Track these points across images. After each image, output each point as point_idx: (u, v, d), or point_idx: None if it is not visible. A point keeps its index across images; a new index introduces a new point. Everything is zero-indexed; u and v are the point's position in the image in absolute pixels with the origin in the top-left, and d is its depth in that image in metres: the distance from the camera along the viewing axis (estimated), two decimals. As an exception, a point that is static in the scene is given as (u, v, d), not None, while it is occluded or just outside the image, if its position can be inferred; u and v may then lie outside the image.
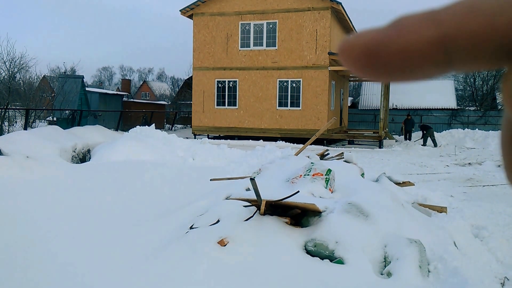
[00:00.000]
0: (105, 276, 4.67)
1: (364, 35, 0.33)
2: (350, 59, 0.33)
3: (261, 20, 24.82)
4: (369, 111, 36.26)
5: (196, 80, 26.21)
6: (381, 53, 0.31)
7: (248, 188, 6.34)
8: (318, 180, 6.28)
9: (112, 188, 8.65)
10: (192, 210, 6.20)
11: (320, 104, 23.88)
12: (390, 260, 4.72)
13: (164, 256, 4.84)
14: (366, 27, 0.34)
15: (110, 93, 33.85)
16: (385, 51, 0.31)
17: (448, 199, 9.07)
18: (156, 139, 14.54)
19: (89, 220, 6.56)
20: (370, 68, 0.32)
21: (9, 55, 25.04)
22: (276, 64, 24.61)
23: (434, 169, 14.87)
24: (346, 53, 0.33)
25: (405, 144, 24.48)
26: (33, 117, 24.03)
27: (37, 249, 5.47)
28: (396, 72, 0.32)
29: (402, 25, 0.31)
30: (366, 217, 5.29)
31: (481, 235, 6.63)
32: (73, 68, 44.07)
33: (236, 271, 4.44)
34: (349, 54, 0.33)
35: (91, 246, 5.52)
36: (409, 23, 0.31)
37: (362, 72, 0.33)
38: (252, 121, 25.13)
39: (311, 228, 5.20)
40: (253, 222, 5.14)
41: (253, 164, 11.65)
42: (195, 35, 26.04)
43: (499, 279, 5.15)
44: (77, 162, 13.85)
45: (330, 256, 4.76)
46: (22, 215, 6.67)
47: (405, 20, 0.31)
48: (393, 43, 0.31)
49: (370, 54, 0.32)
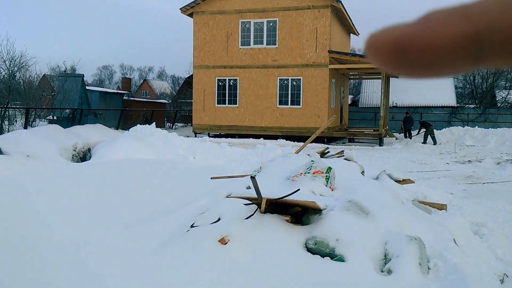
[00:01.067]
0: (105, 274, 4.70)
1: (392, 31, 0.32)
2: (379, 55, 0.32)
3: (261, 19, 24.82)
4: (369, 109, 36.24)
5: (196, 78, 26.22)
6: (411, 48, 0.31)
7: (249, 187, 6.36)
8: (319, 178, 6.30)
9: (112, 187, 8.67)
10: (193, 209, 6.22)
11: (321, 102, 23.89)
12: (390, 257, 4.75)
13: (165, 255, 4.86)
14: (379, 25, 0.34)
15: (111, 91, 33.84)
16: (416, 47, 0.31)
17: (448, 196, 9.09)
18: (156, 138, 14.56)
19: (90, 219, 6.58)
20: (399, 64, 0.32)
21: (9, 54, 25.06)
22: (277, 62, 24.61)
23: (434, 166, 14.89)
24: (374, 49, 0.32)
25: (405, 142, 24.48)
26: (33, 116, 24.03)
27: (39, 248, 5.49)
28: (426, 68, 0.31)
29: (432, 20, 0.31)
30: (367, 215, 5.31)
31: (480, 232, 6.65)
32: (73, 67, 44.09)
33: (237, 269, 4.46)
34: (377, 50, 0.32)
35: (92, 245, 5.54)
36: (439, 18, 0.31)
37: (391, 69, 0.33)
38: (252, 119, 25.15)
39: (311, 226, 5.22)
40: (254, 220, 5.17)
41: (253, 162, 11.68)
42: (196, 33, 26.04)
43: (499, 276, 5.17)
44: (78, 161, 13.87)
45: (331, 253, 4.78)
46: (23, 214, 6.69)
47: (435, 15, 0.31)
48: (424, 38, 0.31)
49: (399, 50, 0.31)
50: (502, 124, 30.66)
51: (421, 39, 0.30)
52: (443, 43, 0.30)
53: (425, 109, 34.87)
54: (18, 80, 25.68)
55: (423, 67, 0.31)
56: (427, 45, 0.30)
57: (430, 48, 0.30)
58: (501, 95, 39.08)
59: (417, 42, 0.30)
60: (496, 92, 39.67)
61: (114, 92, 34.02)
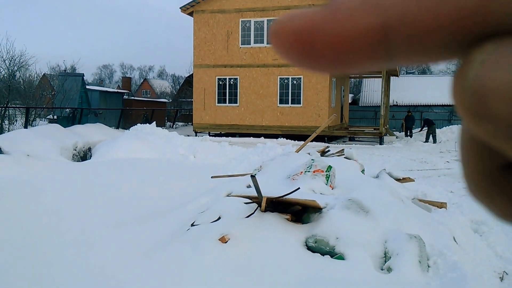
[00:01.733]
0: (106, 272, 4.71)
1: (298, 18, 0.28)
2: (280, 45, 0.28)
3: (262, 17, 24.82)
4: (370, 107, 36.28)
5: (196, 77, 26.23)
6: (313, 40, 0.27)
7: (249, 185, 6.37)
8: (319, 177, 6.32)
9: (113, 186, 8.68)
10: (193, 207, 6.23)
11: (321, 101, 23.90)
12: (390, 255, 4.76)
13: (166, 253, 4.88)
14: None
15: (111, 91, 33.88)
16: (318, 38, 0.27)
17: (448, 194, 9.10)
18: (157, 137, 14.57)
19: (90, 217, 6.59)
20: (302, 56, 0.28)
21: (8, 53, 25.03)
22: (277, 61, 24.62)
23: (434, 165, 14.90)
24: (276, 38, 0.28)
25: (405, 141, 24.49)
26: (33, 115, 24.02)
27: (40, 246, 5.51)
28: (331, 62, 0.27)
29: (338, 8, 0.27)
30: (367, 213, 5.33)
31: (480, 230, 6.66)
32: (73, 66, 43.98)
33: (237, 268, 4.48)
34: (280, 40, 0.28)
35: (92, 244, 5.56)
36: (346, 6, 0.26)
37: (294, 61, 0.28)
38: (253, 118, 25.16)
39: (311, 224, 5.24)
40: (254, 219, 5.18)
41: (254, 161, 11.68)
42: (196, 32, 26.04)
43: (498, 273, 5.18)
44: (78, 160, 13.89)
45: (331, 252, 4.80)
46: (23, 214, 6.70)
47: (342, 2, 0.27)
48: (327, 28, 0.26)
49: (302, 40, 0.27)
50: (502, 123, 30.60)
51: (324, 30, 0.26)
52: (347, 35, 0.26)
53: (425, 107, 34.91)
54: (18, 79, 25.67)
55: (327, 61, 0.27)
56: (330, 37, 0.26)
57: (334, 40, 0.26)
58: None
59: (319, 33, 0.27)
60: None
61: (114, 92, 34.06)
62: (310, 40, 0.27)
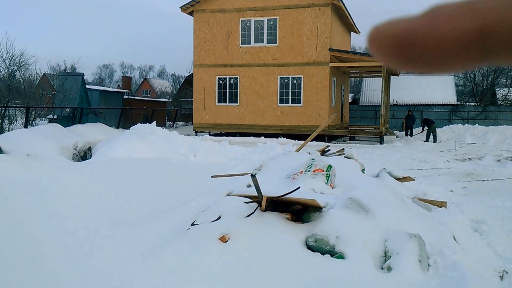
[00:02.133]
0: (107, 271, 4.72)
1: (396, 24, 0.32)
2: (382, 49, 0.32)
3: (262, 17, 24.82)
4: (370, 107, 36.26)
5: (197, 77, 26.23)
6: (416, 43, 0.31)
7: (249, 185, 6.38)
8: (319, 176, 6.32)
9: (113, 186, 8.69)
10: (193, 207, 6.24)
11: (321, 100, 23.90)
12: (390, 254, 4.76)
13: (166, 253, 4.88)
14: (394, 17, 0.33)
15: (111, 90, 33.85)
16: (420, 42, 0.30)
17: (448, 194, 9.11)
18: (157, 136, 14.56)
19: (91, 217, 6.59)
20: (403, 59, 0.31)
21: (8, 53, 24.96)
22: (277, 61, 24.62)
23: (434, 164, 14.89)
24: (377, 43, 0.32)
25: (405, 140, 24.50)
26: (33, 115, 24.00)
27: (40, 246, 5.52)
28: (430, 63, 0.31)
29: (437, 14, 0.30)
30: (367, 212, 5.33)
31: (480, 229, 6.67)
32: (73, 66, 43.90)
33: (237, 267, 4.48)
34: (380, 44, 0.32)
35: (93, 244, 5.56)
36: (445, 13, 0.30)
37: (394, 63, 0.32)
38: (253, 118, 25.16)
39: (312, 223, 5.24)
40: (254, 218, 5.19)
41: (254, 160, 11.68)
42: (196, 32, 26.05)
43: (498, 272, 5.19)
44: (78, 160, 13.89)
45: (331, 251, 4.80)
46: (23, 214, 6.70)
47: (440, 10, 0.31)
48: (429, 33, 0.30)
49: (403, 44, 0.31)
50: (502, 122, 30.70)
51: (426, 34, 0.30)
52: (448, 38, 0.29)
53: (425, 107, 34.90)
54: (18, 79, 25.65)
55: (427, 62, 0.31)
56: (431, 40, 0.30)
57: (435, 43, 0.30)
58: (502, 92, 39.04)
59: (421, 37, 0.30)
60: (496, 90, 39.64)
61: (115, 91, 34.04)
62: (410, 43, 0.30)
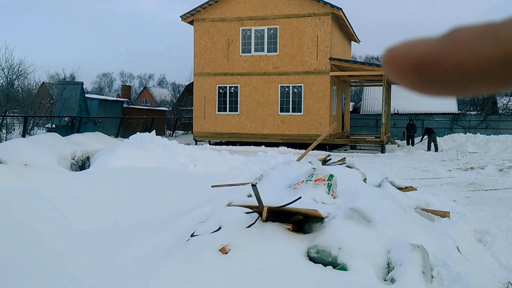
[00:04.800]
0: (105, 283, 4.64)
1: (415, 46, 0.30)
2: (398, 72, 0.30)
3: (262, 26, 24.87)
4: (371, 116, 36.25)
5: (197, 85, 26.23)
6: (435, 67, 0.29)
7: (250, 195, 6.31)
8: (320, 186, 6.24)
9: (111, 196, 8.61)
10: (193, 217, 6.16)
11: (322, 109, 23.88)
12: (394, 266, 4.68)
13: (165, 264, 4.80)
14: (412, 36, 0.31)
15: (110, 99, 33.85)
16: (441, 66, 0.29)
17: (451, 203, 9.03)
18: (156, 145, 14.52)
19: (89, 228, 6.52)
20: (420, 82, 0.30)
21: (7, 61, 25.01)
22: (278, 70, 24.63)
23: (436, 173, 14.83)
24: (393, 65, 0.30)
25: (407, 149, 24.45)
26: (31, 124, 24.00)
27: (35, 256, 5.44)
28: (448, 88, 0.30)
29: (459, 39, 0.29)
30: (369, 223, 5.25)
31: (484, 240, 6.59)
32: (72, 75, 44.05)
33: (238, 279, 4.40)
34: (397, 67, 0.30)
35: (91, 254, 5.49)
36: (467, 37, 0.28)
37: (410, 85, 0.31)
38: (253, 126, 25.13)
39: (313, 234, 5.16)
40: (255, 229, 5.11)
41: (254, 170, 11.62)
42: (196, 41, 26.08)
43: (503, 284, 5.11)
44: (76, 169, 13.82)
45: (333, 262, 4.72)
46: (21, 224, 6.63)
47: (462, 33, 0.29)
48: (451, 58, 0.29)
49: (422, 68, 0.29)
50: (503, 131, 30.64)
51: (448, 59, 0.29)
52: (469, 64, 0.28)
53: (426, 116, 34.89)
54: (17, 88, 25.66)
55: (445, 86, 0.30)
56: (453, 66, 0.29)
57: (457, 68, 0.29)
58: (503, 101, 39.07)
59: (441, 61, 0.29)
60: (497, 99, 39.66)
61: (114, 100, 34.01)
62: (429, 67, 0.30)
